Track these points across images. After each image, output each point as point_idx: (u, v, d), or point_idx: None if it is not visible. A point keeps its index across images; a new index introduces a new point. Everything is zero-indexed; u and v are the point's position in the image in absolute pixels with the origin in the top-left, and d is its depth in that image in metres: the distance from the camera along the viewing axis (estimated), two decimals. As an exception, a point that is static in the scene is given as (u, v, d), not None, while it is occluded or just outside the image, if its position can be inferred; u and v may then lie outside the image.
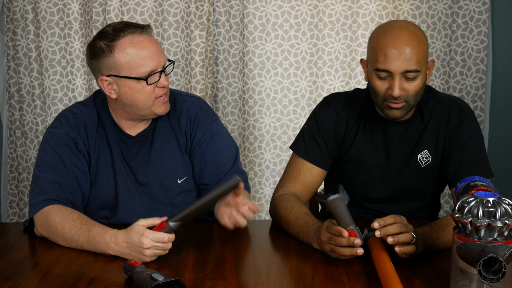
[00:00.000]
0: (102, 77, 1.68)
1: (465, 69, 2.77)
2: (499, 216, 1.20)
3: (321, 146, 1.83)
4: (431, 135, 1.81)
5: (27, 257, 1.55)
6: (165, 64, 1.70)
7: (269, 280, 1.39)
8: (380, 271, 1.37)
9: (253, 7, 2.72)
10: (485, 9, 2.70)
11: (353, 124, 1.83)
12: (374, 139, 1.82)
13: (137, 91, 1.67)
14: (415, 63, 1.64)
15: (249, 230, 1.76)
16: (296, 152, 1.85)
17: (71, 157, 1.73)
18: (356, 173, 1.85)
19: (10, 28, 2.78)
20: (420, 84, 1.68)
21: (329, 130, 1.83)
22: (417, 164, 1.81)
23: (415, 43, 1.64)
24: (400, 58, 1.64)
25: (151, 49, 1.66)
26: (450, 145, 1.80)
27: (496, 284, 1.19)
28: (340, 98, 1.87)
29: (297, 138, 1.88)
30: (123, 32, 1.65)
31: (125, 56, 1.64)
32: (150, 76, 1.66)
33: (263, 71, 2.78)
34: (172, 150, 1.80)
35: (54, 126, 1.77)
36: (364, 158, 1.83)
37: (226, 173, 1.80)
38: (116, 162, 1.78)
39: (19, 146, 2.85)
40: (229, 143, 1.85)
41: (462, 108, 1.81)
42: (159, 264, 1.48)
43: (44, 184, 1.69)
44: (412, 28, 1.68)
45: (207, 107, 1.86)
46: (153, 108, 1.71)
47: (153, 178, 1.79)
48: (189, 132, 1.81)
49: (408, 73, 1.65)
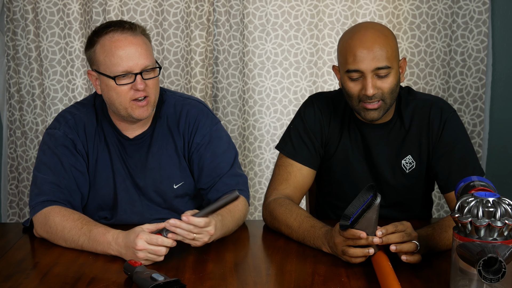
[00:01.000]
0: (89, 71, 1.72)
1: (465, 69, 2.77)
2: (499, 216, 1.20)
3: (308, 145, 1.82)
4: (413, 140, 1.78)
5: (27, 257, 1.55)
6: (146, 68, 1.66)
7: (269, 280, 1.39)
8: (378, 271, 1.37)
9: (253, 7, 2.72)
10: (485, 9, 2.70)
11: (337, 125, 1.82)
12: (358, 142, 1.81)
13: (111, 89, 1.67)
14: (384, 59, 1.64)
15: (249, 230, 1.76)
16: (284, 153, 1.83)
17: (70, 158, 1.73)
18: (344, 175, 1.83)
19: (10, 28, 2.78)
20: (394, 81, 1.67)
21: (315, 128, 1.82)
22: (401, 170, 1.79)
23: (382, 40, 1.65)
24: (369, 56, 1.63)
25: (128, 50, 1.64)
26: (436, 149, 1.76)
27: (496, 284, 1.19)
28: (324, 97, 1.87)
29: (284, 139, 1.86)
30: (107, 28, 1.67)
31: (102, 53, 1.66)
32: (123, 76, 1.65)
33: (263, 71, 2.78)
34: (170, 154, 1.79)
35: (53, 127, 1.77)
36: (350, 160, 1.81)
37: (222, 176, 1.77)
38: (115, 163, 1.78)
39: (19, 146, 2.85)
40: (228, 147, 1.82)
41: (443, 109, 1.77)
42: (159, 264, 1.48)
43: (42, 185, 1.69)
44: (378, 26, 1.69)
45: (207, 110, 1.83)
46: (129, 110, 1.68)
47: (149, 182, 1.78)
48: (187, 135, 1.79)
49: (379, 71, 1.64)
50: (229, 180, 1.77)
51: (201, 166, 1.78)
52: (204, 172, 1.78)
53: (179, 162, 1.79)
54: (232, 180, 1.77)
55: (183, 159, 1.80)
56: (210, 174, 1.78)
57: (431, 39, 2.75)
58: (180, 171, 1.80)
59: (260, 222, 1.83)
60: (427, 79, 2.78)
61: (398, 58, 1.69)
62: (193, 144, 1.78)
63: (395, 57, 1.67)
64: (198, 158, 1.78)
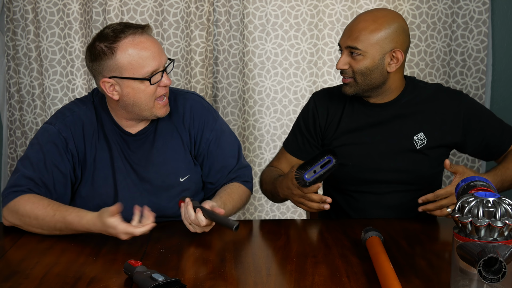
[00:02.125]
0: (104, 79, 1.69)
1: (465, 69, 2.77)
2: (499, 216, 1.20)
3: (298, 139, 1.99)
4: (429, 119, 1.86)
5: (27, 257, 1.55)
6: (166, 63, 1.71)
7: (269, 280, 1.39)
8: (378, 271, 1.37)
9: (253, 7, 2.72)
10: (485, 9, 2.70)
11: (336, 111, 1.92)
12: (361, 123, 1.89)
13: (140, 91, 1.68)
14: (359, 41, 1.74)
15: (249, 230, 1.76)
16: (283, 143, 2.06)
17: (55, 156, 1.74)
18: (346, 158, 1.88)
19: (10, 28, 2.78)
20: (365, 65, 1.77)
21: (308, 123, 1.96)
22: (412, 145, 1.86)
23: (368, 24, 1.75)
24: (347, 33, 1.78)
25: (153, 49, 1.67)
26: (466, 132, 1.86)
27: (496, 284, 1.19)
28: (324, 90, 2.00)
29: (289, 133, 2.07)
30: (123, 33, 1.65)
31: (127, 57, 1.65)
32: (153, 76, 1.67)
33: (263, 71, 2.78)
34: (175, 148, 1.81)
35: (50, 122, 1.79)
36: (352, 142, 1.89)
37: (230, 171, 1.86)
38: (116, 160, 1.78)
39: (19, 146, 2.85)
40: (232, 140, 1.90)
41: (455, 91, 1.90)
42: (159, 264, 1.48)
43: (20, 178, 1.72)
44: (380, 14, 1.77)
45: (208, 105, 1.89)
46: (154, 110, 1.73)
47: (155, 176, 1.80)
48: (193, 131, 1.83)
49: (352, 50, 1.76)
50: (235, 174, 1.88)
51: (211, 162, 1.85)
52: (214, 168, 1.85)
53: (184, 156, 1.82)
54: (238, 173, 1.88)
55: (188, 153, 1.83)
56: (220, 170, 1.86)
57: (431, 39, 2.75)
58: (185, 165, 1.83)
59: (260, 222, 1.83)
60: (427, 79, 2.78)
61: (383, 48, 1.76)
62: (203, 140, 1.84)
63: (375, 45, 1.75)
64: (209, 154, 1.85)
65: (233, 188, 1.83)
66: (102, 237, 1.60)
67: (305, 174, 1.61)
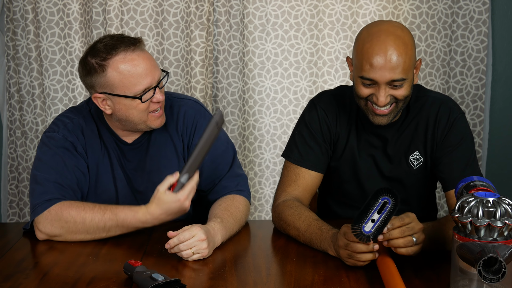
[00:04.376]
0: (96, 94, 1.66)
1: (465, 69, 2.77)
2: (499, 216, 1.20)
3: (315, 150, 1.79)
4: (420, 136, 1.77)
5: (27, 257, 1.55)
6: (160, 78, 1.67)
7: (269, 280, 1.39)
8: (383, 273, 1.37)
9: (253, 7, 2.72)
10: (485, 9, 2.70)
11: (345, 122, 1.80)
12: (366, 141, 1.79)
13: (131, 107, 1.65)
14: (401, 72, 1.58)
15: (249, 230, 1.76)
16: (291, 161, 1.80)
17: (72, 159, 1.71)
18: (351, 175, 1.82)
19: (10, 28, 2.78)
20: (408, 88, 1.63)
21: (321, 130, 1.79)
22: (409, 166, 1.78)
23: (401, 50, 1.58)
24: (385, 68, 1.57)
25: (144, 66, 1.63)
26: (440, 147, 1.75)
27: (496, 284, 1.19)
28: (325, 96, 1.83)
29: (289, 146, 1.83)
30: (115, 50, 1.61)
31: (117, 76, 1.61)
32: (145, 93, 1.64)
33: (263, 71, 2.78)
34: (169, 156, 1.78)
35: (51, 130, 1.75)
36: (357, 160, 1.80)
37: (222, 178, 1.78)
38: (115, 168, 1.77)
39: (19, 146, 2.85)
40: (226, 148, 1.81)
41: (452, 109, 1.76)
42: (159, 264, 1.48)
43: (45, 184, 1.66)
44: (399, 32, 1.60)
45: (204, 111, 1.83)
46: (148, 122, 1.70)
47: (149, 185, 1.76)
48: (186, 137, 1.79)
49: (394, 82, 1.60)
50: (228, 182, 1.78)
51: (200, 169, 1.76)
52: (204, 174, 1.76)
53: (178, 164, 1.78)
54: (231, 182, 1.78)
55: (182, 160, 1.79)
56: (210, 176, 1.78)
57: (431, 39, 2.75)
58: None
59: (260, 222, 1.83)
60: (427, 79, 2.78)
61: (414, 64, 1.64)
62: (193, 145, 1.77)
63: (412, 66, 1.62)
64: None
65: (228, 201, 1.73)
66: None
67: (363, 228, 1.38)
